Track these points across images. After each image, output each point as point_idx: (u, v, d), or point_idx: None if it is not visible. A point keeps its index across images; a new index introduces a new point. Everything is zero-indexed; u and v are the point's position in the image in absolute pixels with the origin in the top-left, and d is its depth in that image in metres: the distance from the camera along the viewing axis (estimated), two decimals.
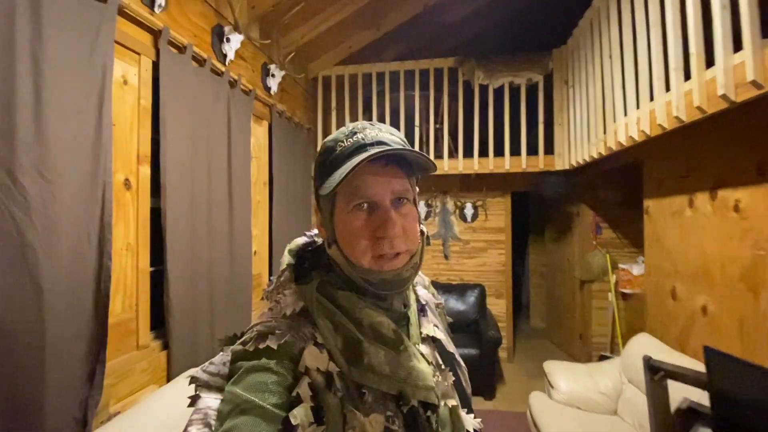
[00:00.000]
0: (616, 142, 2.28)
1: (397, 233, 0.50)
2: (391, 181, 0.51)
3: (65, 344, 1.23)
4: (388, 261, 0.51)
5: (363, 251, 0.51)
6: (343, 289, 0.54)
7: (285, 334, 0.49)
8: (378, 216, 0.51)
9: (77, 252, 1.29)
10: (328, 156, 0.53)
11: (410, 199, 0.54)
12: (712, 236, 1.90)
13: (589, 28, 2.65)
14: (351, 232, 0.51)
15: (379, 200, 0.51)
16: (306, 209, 3.40)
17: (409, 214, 0.53)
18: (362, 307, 0.53)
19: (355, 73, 3.56)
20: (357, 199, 0.51)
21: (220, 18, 2.20)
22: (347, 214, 0.51)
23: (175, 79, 1.77)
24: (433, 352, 0.58)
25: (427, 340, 0.59)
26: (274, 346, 0.47)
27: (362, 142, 0.51)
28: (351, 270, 0.52)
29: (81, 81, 1.32)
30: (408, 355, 0.52)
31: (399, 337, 0.52)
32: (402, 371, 0.50)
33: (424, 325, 0.60)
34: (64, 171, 1.25)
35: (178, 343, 1.75)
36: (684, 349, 2.06)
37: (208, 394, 0.48)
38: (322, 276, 0.56)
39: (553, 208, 4.34)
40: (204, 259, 1.95)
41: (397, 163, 0.52)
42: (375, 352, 0.50)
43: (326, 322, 0.51)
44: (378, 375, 0.49)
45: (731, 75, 1.35)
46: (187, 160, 1.83)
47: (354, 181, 0.49)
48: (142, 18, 1.60)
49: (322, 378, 0.47)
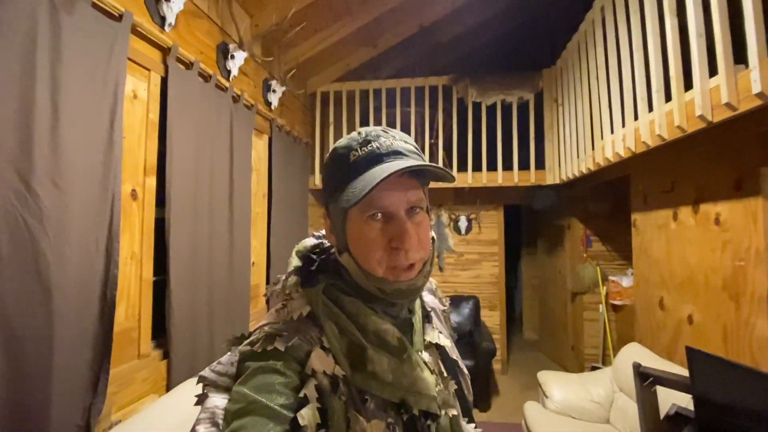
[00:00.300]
0: (603, 158, 2.39)
1: (413, 245, 0.50)
2: (407, 192, 0.51)
3: (71, 351, 1.26)
4: (403, 272, 0.51)
5: (378, 261, 0.51)
6: (350, 295, 0.54)
7: (292, 337, 0.49)
8: (393, 227, 0.50)
9: (86, 260, 1.33)
10: (342, 164, 0.52)
11: (423, 208, 0.54)
12: (695, 248, 1.99)
13: (577, 50, 2.79)
14: (365, 242, 0.51)
15: (394, 210, 0.50)
16: (303, 221, 3.45)
17: (423, 223, 0.53)
18: (368, 314, 0.53)
19: (353, 89, 3.67)
20: (372, 210, 0.50)
21: (225, 36, 2.28)
22: (362, 224, 0.51)
23: (182, 94, 1.83)
24: (436, 360, 0.58)
25: (431, 348, 0.59)
26: (282, 348, 0.48)
27: (378, 152, 0.50)
28: (364, 278, 0.52)
29: (95, 95, 1.38)
30: (411, 364, 0.52)
31: (403, 346, 0.53)
32: (405, 380, 0.50)
33: (428, 332, 0.60)
34: (77, 181, 1.30)
35: (178, 353, 1.76)
36: (672, 358, 2.12)
37: (216, 393, 0.48)
38: (329, 280, 0.56)
39: (545, 221, 4.44)
40: (204, 270, 1.99)
41: (412, 173, 0.51)
42: (379, 360, 0.50)
43: (332, 326, 0.52)
44: (381, 382, 0.49)
45: (708, 97, 1.45)
46: (191, 172, 1.88)
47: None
48: (153, 36, 1.67)
49: (327, 381, 0.47)
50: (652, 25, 1.77)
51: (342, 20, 3.00)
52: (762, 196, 1.55)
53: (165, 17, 1.75)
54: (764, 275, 1.55)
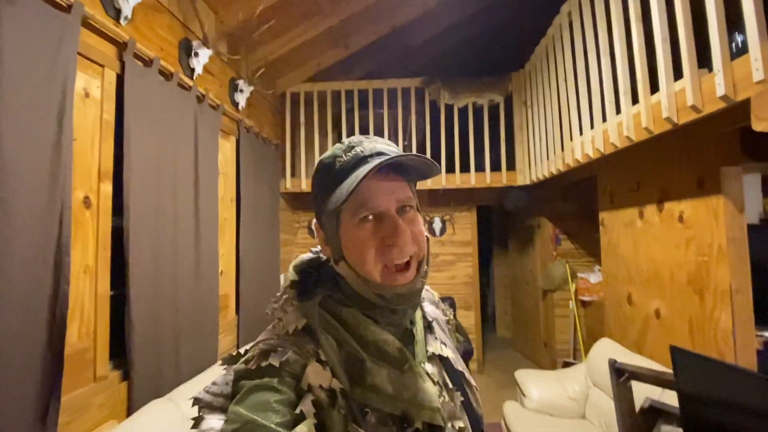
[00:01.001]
0: (573, 158, 2.45)
1: (407, 240, 0.51)
2: (394, 190, 0.52)
3: (15, 380, 1.12)
4: (400, 273, 0.51)
5: (373, 261, 0.50)
6: (348, 306, 0.53)
7: (287, 352, 0.48)
8: (386, 225, 0.51)
9: (32, 276, 1.19)
10: (328, 172, 0.53)
11: (414, 207, 0.54)
12: (661, 245, 2.08)
13: (545, 54, 2.86)
14: (359, 244, 0.51)
15: (384, 209, 0.51)
16: (274, 226, 3.33)
17: (415, 220, 0.53)
18: (367, 324, 0.52)
19: (324, 90, 3.59)
20: (363, 211, 0.50)
21: (188, 32, 2.15)
22: (354, 227, 0.51)
23: (140, 92, 1.70)
24: (440, 371, 0.56)
25: (434, 359, 0.57)
26: (276, 364, 0.47)
27: (362, 155, 0.51)
28: (363, 286, 0.51)
29: (40, 93, 1.24)
30: (413, 375, 0.51)
31: (404, 356, 0.51)
32: (406, 391, 0.49)
33: (430, 343, 0.58)
34: (19, 189, 1.16)
35: (140, 373, 1.63)
36: (641, 351, 2.20)
37: (212, 414, 0.47)
38: (326, 292, 0.55)
39: (516, 221, 4.54)
40: (168, 282, 1.85)
41: (398, 172, 0.53)
42: (378, 372, 0.49)
43: (329, 338, 0.51)
44: (381, 395, 0.48)
45: (673, 100, 1.51)
46: (151, 177, 1.75)
47: (358, 194, 0.49)
48: (107, 29, 1.54)
49: (325, 395, 0.46)
50: (618, 29, 1.82)
51: (312, 19, 2.92)
52: (723, 195, 1.63)
53: (120, 10, 1.62)
54: (726, 270, 1.63)
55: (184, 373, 1.91)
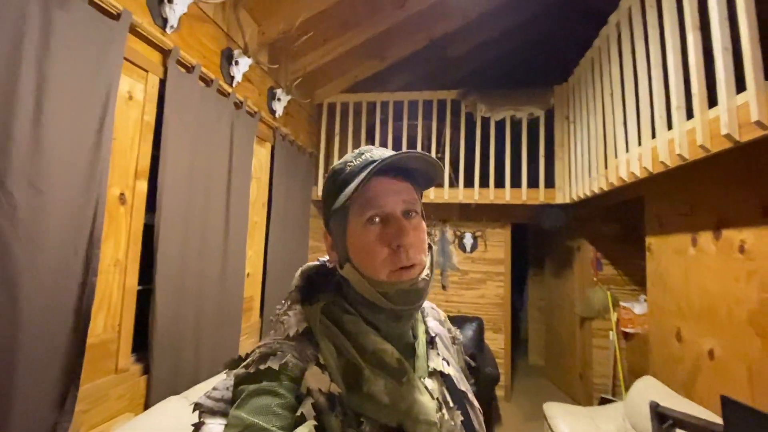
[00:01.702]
0: (617, 177, 2.28)
1: (411, 241, 0.51)
2: (400, 191, 0.53)
3: (38, 364, 1.16)
4: (404, 272, 0.51)
5: (382, 263, 0.51)
6: (350, 313, 0.53)
7: (286, 355, 0.49)
8: (392, 226, 0.51)
9: (62, 266, 1.24)
10: (338, 177, 0.54)
11: (419, 212, 0.55)
12: (716, 277, 1.86)
13: (591, 67, 2.72)
14: (367, 246, 0.51)
15: (390, 210, 0.52)
16: (304, 232, 3.37)
17: (419, 226, 0.54)
18: (367, 333, 0.52)
19: (360, 101, 3.63)
20: (370, 211, 0.51)
21: (230, 42, 2.25)
22: (361, 229, 0.52)
23: (180, 97, 1.77)
24: (440, 388, 0.55)
25: (435, 375, 0.56)
26: (275, 367, 0.47)
27: (371, 160, 0.52)
28: (367, 286, 0.51)
29: (85, 94, 1.32)
30: (411, 387, 0.50)
31: (402, 368, 0.51)
32: (403, 403, 0.48)
33: (432, 359, 0.57)
34: (58, 182, 1.23)
35: (159, 368, 1.66)
36: (690, 395, 1.96)
37: (213, 419, 0.48)
38: (329, 298, 0.56)
39: (554, 241, 4.30)
40: (194, 280, 1.90)
41: (404, 177, 0.54)
42: (375, 381, 0.49)
43: (328, 344, 0.51)
44: (376, 404, 0.48)
45: (735, 115, 1.35)
46: (185, 177, 1.81)
47: (365, 195, 0.51)
48: (153, 37, 1.63)
49: (324, 399, 0.46)
50: (672, 39, 1.68)
51: (350, 32, 2.97)
52: None
53: (167, 19, 1.71)
54: None
55: (203, 373, 1.94)
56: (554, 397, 3.54)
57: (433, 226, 3.85)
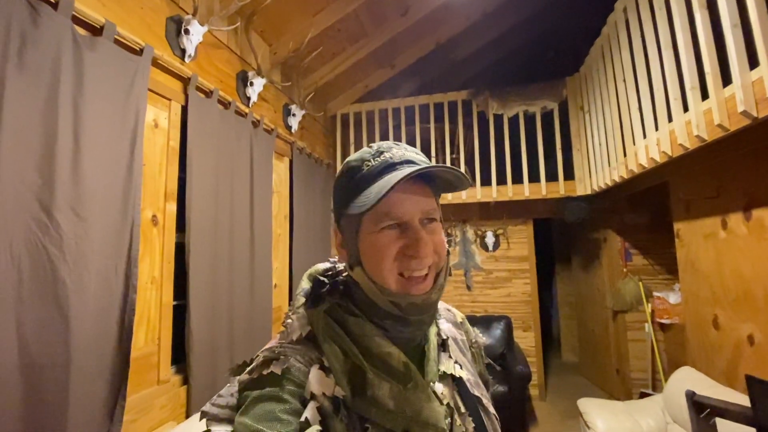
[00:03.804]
0: (637, 164, 2.23)
1: (428, 253, 0.50)
2: (420, 200, 0.51)
3: (88, 378, 1.26)
4: (415, 284, 0.50)
5: (390, 269, 0.49)
6: (357, 316, 0.52)
7: (289, 359, 0.48)
8: (409, 236, 0.50)
9: (104, 286, 1.35)
10: (354, 175, 0.52)
11: (437, 218, 0.53)
12: (751, 259, 1.79)
13: (601, 55, 2.68)
14: (379, 252, 0.50)
15: (409, 219, 0.50)
16: (326, 241, 3.44)
17: (437, 230, 0.52)
18: (372, 335, 0.50)
19: (372, 109, 3.70)
20: (387, 220, 0.50)
21: (244, 64, 2.36)
22: (376, 234, 0.50)
23: (201, 121, 1.88)
24: (452, 392, 0.54)
25: (446, 379, 0.54)
26: (278, 372, 0.47)
27: (391, 161, 0.50)
28: (378, 293, 0.50)
29: (116, 126, 1.43)
30: (417, 392, 0.49)
31: (409, 372, 0.49)
32: (409, 408, 0.47)
33: (443, 362, 0.56)
34: (97, 209, 1.33)
35: (197, 378, 1.75)
36: (732, 384, 1.88)
37: (219, 426, 0.47)
38: (335, 301, 0.54)
39: (578, 234, 4.21)
40: (225, 293, 1.99)
41: (425, 182, 0.52)
42: (379, 385, 0.48)
43: (332, 346, 0.50)
44: (381, 409, 0.47)
45: (750, 91, 1.32)
46: (211, 197, 1.91)
47: (384, 202, 0.48)
48: (173, 67, 1.74)
49: (329, 403, 0.46)
50: (680, 20, 1.65)
51: (358, 43, 3.05)
52: None
53: (185, 49, 1.83)
54: None
55: None
56: (590, 395, 3.43)
57: (453, 226, 3.85)
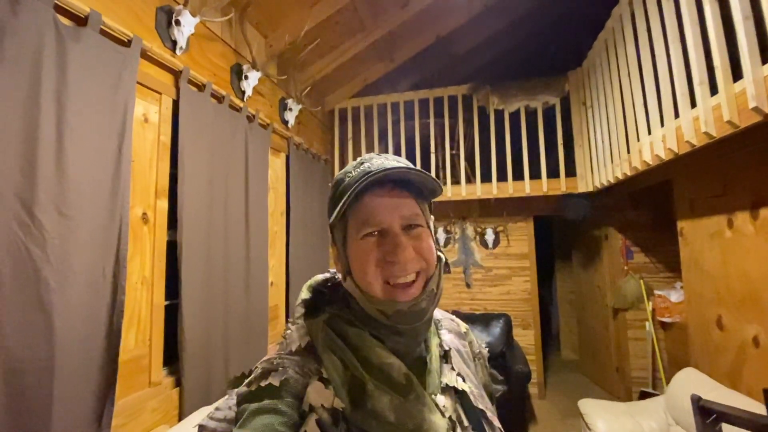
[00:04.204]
0: (641, 161, 2.18)
1: (408, 257, 0.49)
2: (398, 206, 0.51)
3: (75, 381, 1.22)
4: (401, 291, 0.49)
5: (374, 276, 0.50)
6: (356, 327, 0.52)
7: (287, 371, 0.48)
8: (387, 241, 0.50)
9: (91, 287, 1.30)
10: (338, 187, 0.54)
11: (423, 225, 0.53)
12: (757, 259, 1.74)
13: (605, 49, 2.62)
14: (362, 259, 0.50)
15: (387, 226, 0.50)
16: (323, 238, 3.39)
17: (422, 236, 0.52)
18: (372, 346, 0.50)
19: (370, 104, 3.63)
20: (367, 228, 0.50)
21: (239, 57, 2.30)
22: (358, 243, 0.51)
23: (194, 115, 1.82)
24: (454, 405, 0.52)
25: (449, 391, 0.53)
26: (276, 383, 0.47)
27: (368, 170, 0.51)
28: (366, 302, 0.50)
29: (102, 120, 1.37)
30: (419, 405, 0.47)
31: (410, 384, 0.48)
32: (410, 421, 0.46)
33: (445, 374, 0.54)
34: (83, 207, 1.28)
35: (191, 380, 1.71)
36: (736, 386, 1.85)
37: None
38: (334, 311, 0.54)
39: (579, 232, 4.17)
40: (219, 292, 1.94)
41: (404, 188, 0.52)
42: (379, 397, 0.46)
43: (332, 357, 0.49)
44: (381, 422, 0.46)
45: (762, 86, 1.27)
46: (204, 193, 1.86)
47: (362, 210, 0.50)
48: (164, 60, 1.68)
49: (327, 415, 0.46)
50: (689, 12, 1.60)
51: (356, 36, 2.98)
52: None
53: (176, 41, 1.76)
54: None
55: None
56: (590, 393, 3.42)
57: (453, 223, 3.80)
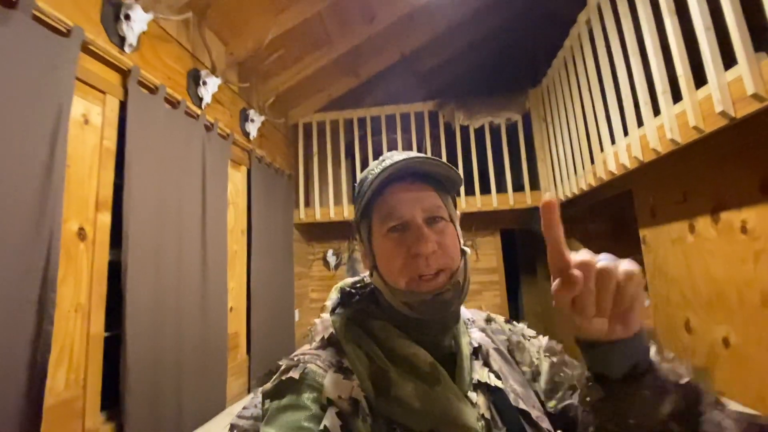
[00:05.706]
0: (606, 171, 2.25)
1: (431, 249, 0.48)
2: (419, 198, 0.51)
3: None
4: (425, 282, 0.49)
5: (399, 270, 0.49)
6: (380, 319, 0.53)
7: (307, 364, 0.49)
8: (410, 234, 0.50)
9: (8, 317, 1.05)
10: (361, 187, 0.55)
11: (445, 217, 0.52)
12: (721, 261, 1.81)
13: (564, 66, 2.74)
14: (387, 253, 0.51)
15: (410, 219, 0.50)
16: (288, 259, 3.18)
17: (446, 230, 0.52)
18: (396, 337, 0.50)
19: (336, 119, 3.55)
20: (390, 222, 0.51)
21: (197, 62, 2.14)
22: (382, 237, 0.52)
23: (144, 120, 1.63)
24: (487, 403, 0.50)
25: (481, 388, 0.51)
26: (296, 376, 0.48)
27: (388, 165, 0.51)
28: (392, 295, 0.51)
29: (32, 117, 1.16)
30: (446, 392, 0.47)
31: (436, 372, 0.48)
32: (437, 407, 0.46)
33: (476, 371, 0.53)
34: (2, 216, 1.05)
35: (136, 425, 1.44)
36: None
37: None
38: (359, 306, 0.55)
39: (543, 244, 4.23)
40: (171, 320, 1.70)
41: (424, 181, 0.52)
42: (402, 384, 0.46)
43: (354, 348, 0.50)
44: (406, 409, 0.45)
45: (727, 91, 1.32)
46: (154, 207, 1.65)
47: (384, 205, 0.51)
48: (110, 56, 1.50)
49: (347, 405, 0.45)
50: (648, 26, 1.68)
51: (321, 49, 2.92)
52: None
53: (125, 37, 1.59)
54: None
55: (188, 424, 1.71)
56: None
57: None
